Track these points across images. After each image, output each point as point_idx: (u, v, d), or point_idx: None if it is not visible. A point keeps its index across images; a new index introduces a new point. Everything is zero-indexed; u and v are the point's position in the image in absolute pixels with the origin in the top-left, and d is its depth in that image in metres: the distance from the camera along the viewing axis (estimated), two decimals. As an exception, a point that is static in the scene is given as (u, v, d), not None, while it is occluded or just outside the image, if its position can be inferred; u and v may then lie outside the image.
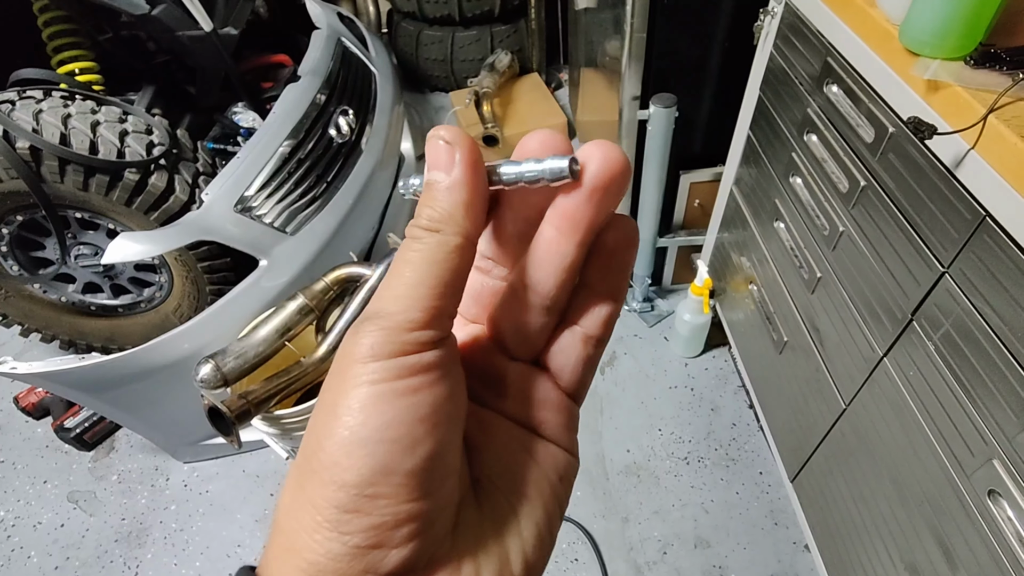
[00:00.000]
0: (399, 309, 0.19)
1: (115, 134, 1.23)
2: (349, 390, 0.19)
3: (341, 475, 0.18)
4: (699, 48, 1.25)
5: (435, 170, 0.20)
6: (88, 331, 1.53)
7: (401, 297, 0.19)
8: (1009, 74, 0.63)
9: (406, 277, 0.19)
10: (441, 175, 0.20)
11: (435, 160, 0.20)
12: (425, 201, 0.20)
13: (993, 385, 0.63)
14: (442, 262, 0.20)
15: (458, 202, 0.20)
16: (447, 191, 0.20)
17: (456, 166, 0.20)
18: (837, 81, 0.87)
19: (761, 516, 1.30)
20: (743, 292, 1.30)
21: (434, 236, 0.20)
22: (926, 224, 0.71)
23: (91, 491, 1.48)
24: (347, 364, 0.19)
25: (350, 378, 0.19)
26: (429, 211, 0.20)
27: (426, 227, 0.20)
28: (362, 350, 0.19)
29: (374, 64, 1.85)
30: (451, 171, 0.20)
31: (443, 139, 0.20)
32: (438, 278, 0.20)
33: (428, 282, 0.19)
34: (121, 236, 1.17)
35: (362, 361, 0.19)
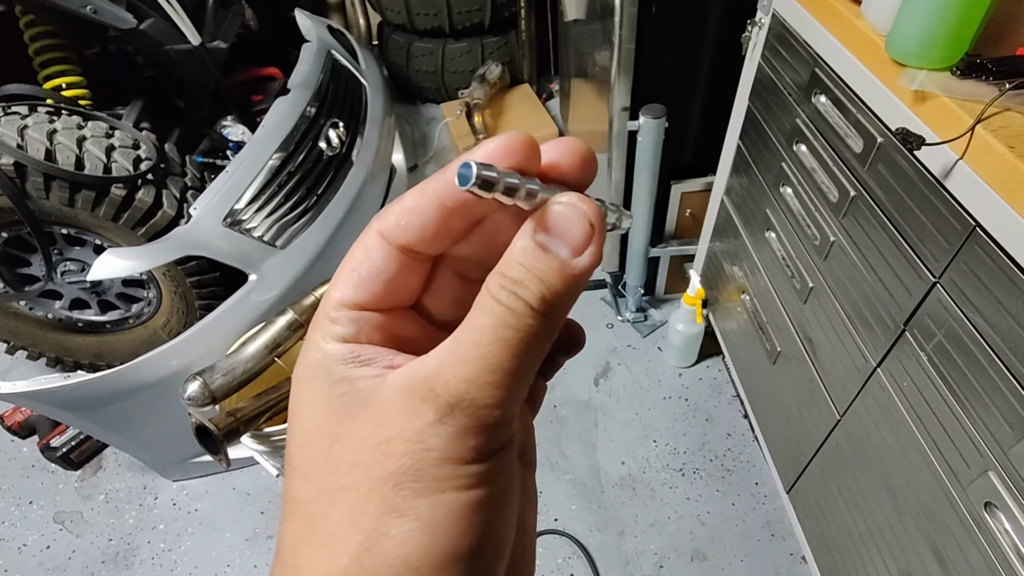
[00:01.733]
0: (496, 401, 0.17)
1: (101, 149, 1.22)
2: (433, 494, 0.16)
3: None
4: (688, 59, 1.25)
5: (563, 242, 0.17)
6: (75, 348, 1.51)
7: (498, 387, 0.17)
8: (995, 84, 0.63)
9: (502, 361, 0.16)
10: (568, 253, 0.17)
11: (570, 232, 0.17)
12: (539, 273, 0.17)
13: (987, 396, 0.63)
14: (540, 353, 0.17)
15: (576, 292, 0.18)
16: (574, 279, 0.17)
17: (589, 254, 0.17)
18: (825, 91, 0.87)
19: (757, 527, 1.29)
20: (736, 302, 1.30)
21: (539, 320, 0.17)
22: (916, 234, 0.71)
23: (78, 511, 1.46)
24: (427, 458, 0.17)
25: (431, 479, 0.16)
26: (543, 289, 0.17)
27: (538, 308, 0.17)
28: (458, 449, 0.17)
29: (364, 76, 1.85)
30: (582, 255, 0.17)
31: (589, 218, 0.17)
32: (532, 368, 0.17)
33: (525, 374, 0.17)
34: (108, 252, 1.16)
35: (458, 462, 0.17)
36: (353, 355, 0.18)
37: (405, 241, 0.19)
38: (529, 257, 0.17)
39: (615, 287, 1.75)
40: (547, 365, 0.25)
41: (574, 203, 0.17)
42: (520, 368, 0.17)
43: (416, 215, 0.18)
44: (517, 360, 0.17)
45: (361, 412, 0.18)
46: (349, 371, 0.18)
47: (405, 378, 0.17)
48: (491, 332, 0.17)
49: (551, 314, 0.17)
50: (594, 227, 0.17)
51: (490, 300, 0.17)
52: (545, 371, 0.25)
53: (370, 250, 0.19)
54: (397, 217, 0.19)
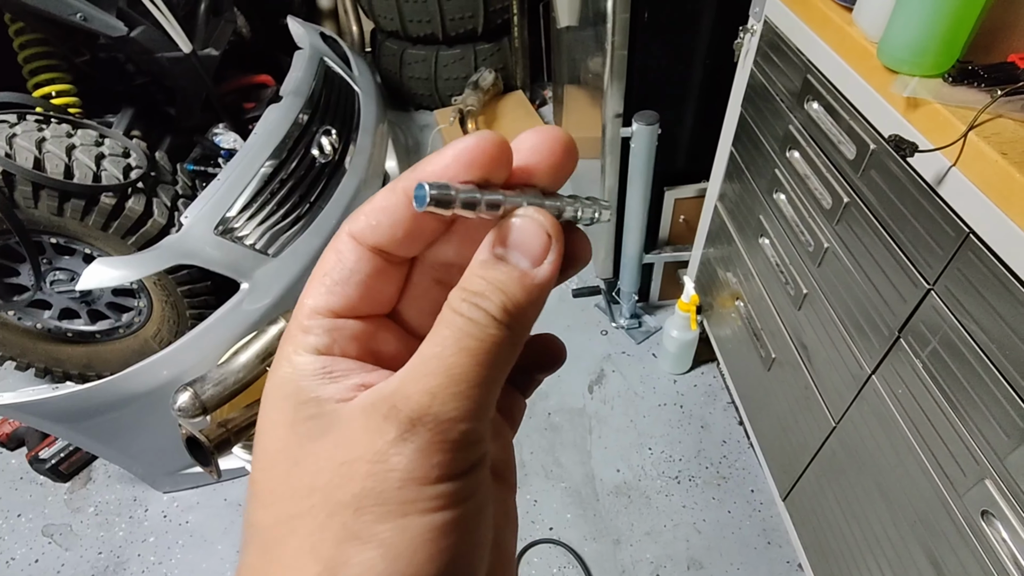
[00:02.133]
0: (461, 414, 0.16)
1: (91, 157, 1.21)
2: (396, 518, 0.15)
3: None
4: (680, 65, 1.25)
5: (521, 254, 0.17)
6: (64, 358, 1.49)
7: (463, 397, 0.16)
8: (987, 91, 0.63)
9: (465, 372, 0.16)
10: (527, 264, 0.17)
11: (527, 244, 0.17)
12: (500, 284, 0.17)
13: (983, 403, 0.63)
14: (505, 364, 0.17)
15: (539, 303, 0.18)
16: (535, 289, 0.17)
17: (548, 264, 0.17)
18: (817, 98, 0.87)
19: (754, 535, 1.28)
20: (730, 308, 1.30)
21: (502, 330, 0.17)
22: (910, 241, 0.71)
23: (67, 524, 1.44)
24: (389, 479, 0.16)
25: (395, 503, 0.15)
26: (504, 299, 0.17)
27: (500, 318, 0.17)
28: (421, 468, 0.16)
29: (357, 83, 1.85)
30: (541, 266, 0.17)
31: (547, 229, 0.17)
32: (498, 380, 0.17)
33: (491, 385, 0.17)
34: (97, 261, 1.15)
35: (423, 482, 0.16)
36: (325, 369, 0.18)
37: (376, 242, 0.18)
38: (489, 269, 0.17)
39: (609, 293, 1.75)
40: (525, 381, 0.24)
41: (531, 215, 0.17)
42: (485, 379, 0.16)
43: (387, 214, 0.18)
44: (482, 371, 0.16)
45: (324, 434, 0.17)
46: (318, 389, 0.17)
47: (368, 396, 0.17)
48: (454, 343, 0.16)
49: (514, 325, 0.17)
50: (551, 237, 0.17)
51: (452, 313, 0.17)
52: (524, 388, 0.24)
53: (341, 253, 0.18)
54: (368, 217, 0.18)
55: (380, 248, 0.18)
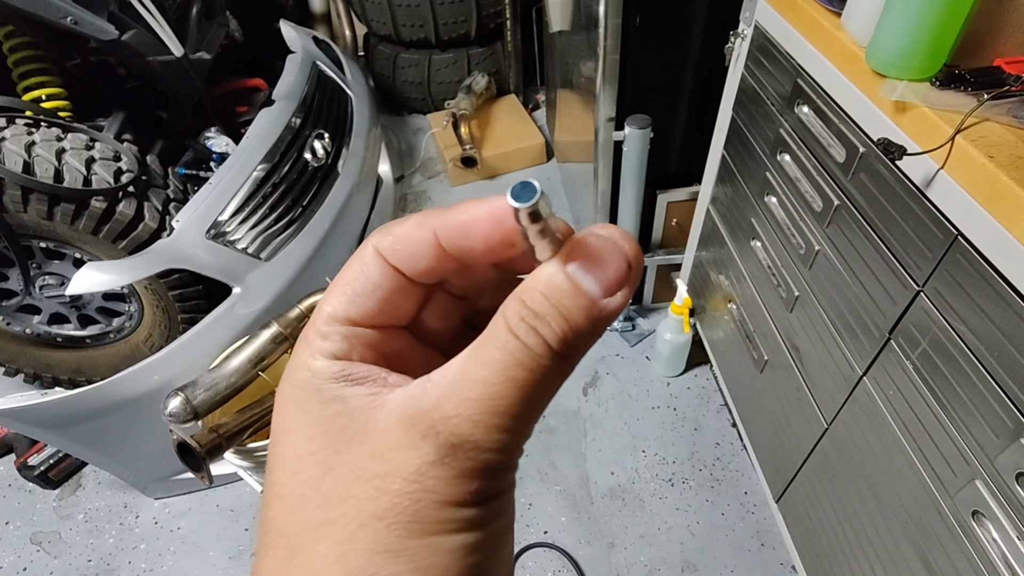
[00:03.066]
0: (501, 446, 0.16)
1: (81, 161, 1.20)
2: (429, 536, 0.16)
3: None
4: (672, 69, 1.26)
5: (595, 280, 0.16)
6: (54, 363, 1.48)
7: (504, 430, 0.16)
8: (974, 95, 0.64)
9: (510, 403, 0.16)
10: (598, 292, 0.16)
11: (605, 269, 0.16)
12: (565, 309, 0.16)
13: (972, 404, 0.63)
14: (551, 395, 0.16)
15: (598, 335, 0.16)
16: (599, 320, 0.16)
17: (620, 296, 0.16)
18: (807, 102, 0.87)
19: (747, 537, 1.28)
20: (722, 310, 1.30)
21: (556, 361, 0.16)
22: (900, 243, 0.72)
23: (56, 532, 1.42)
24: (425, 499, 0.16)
25: (429, 521, 0.16)
26: (566, 329, 0.16)
27: (557, 348, 0.16)
28: (458, 493, 0.16)
29: (350, 87, 1.85)
30: (613, 296, 0.16)
31: (628, 257, 0.16)
32: (540, 411, 0.16)
33: (532, 416, 0.16)
34: (87, 266, 1.14)
35: (458, 505, 0.16)
36: (344, 373, 0.18)
37: (398, 264, 0.18)
38: (555, 290, 0.16)
39: (603, 296, 1.75)
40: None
41: (615, 238, 0.16)
42: (529, 412, 0.16)
43: (411, 246, 0.18)
44: (527, 404, 0.16)
45: (357, 439, 0.17)
46: (341, 390, 0.17)
47: (404, 407, 0.16)
48: (502, 370, 0.15)
49: (569, 356, 0.16)
50: (631, 268, 0.16)
51: (506, 332, 0.16)
52: None
53: (366, 266, 0.18)
54: (394, 240, 0.18)
55: (400, 271, 0.18)
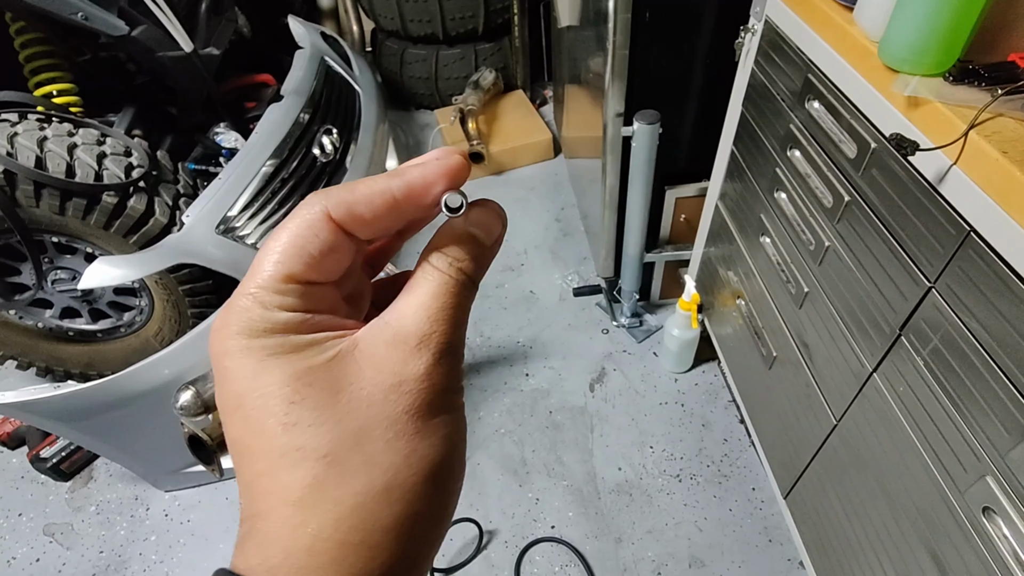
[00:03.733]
0: (460, 342, 0.23)
1: (93, 157, 1.21)
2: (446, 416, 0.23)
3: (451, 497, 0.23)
4: (682, 65, 1.26)
5: (486, 235, 0.24)
6: (66, 357, 1.49)
7: (460, 332, 0.23)
8: (988, 90, 0.64)
9: (459, 316, 0.23)
10: (489, 241, 0.24)
11: (491, 227, 0.24)
12: (473, 253, 0.23)
13: (984, 401, 0.63)
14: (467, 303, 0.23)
15: (487, 268, 0.25)
16: (491, 258, 0.24)
17: (498, 243, 0.25)
18: (818, 97, 0.87)
19: (755, 533, 1.28)
20: (731, 307, 1.30)
21: (473, 287, 0.24)
22: (911, 239, 0.71)
23: (68, 523, 1.44)
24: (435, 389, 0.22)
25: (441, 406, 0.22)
26: (475, 266, 0.23)
27: (474, 278, 0.23)
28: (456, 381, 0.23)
29: (358, 83, 1.85)
30: (495, 244, 0.24)
31: (501, 218, 0.25)
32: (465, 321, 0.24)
33: (466, 324, 0.23)
34: (99, 260, 1.15)
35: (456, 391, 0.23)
36: (311, 322, 0.21)
37: (352, 227, 0.22)
38: (466, 243, 0.23)
39: (610, 292, 1.75)
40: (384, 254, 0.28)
41: (494, 208, 0.24)
42: (465, 319, 0.23)
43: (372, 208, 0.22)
44: (465, 314, 0.23)
45: (353, 368, 0.21)
46: (312, 337, 0.21)
47: (386, 335, 0.21)
48: (452, 295, 0.22)
49: (478, 282, 0.24)
50: (503, 222, 0.25)
51: (442, 274, 0.22)
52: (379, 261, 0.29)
53: (320, 230, 0.21)
54: (354, 203, 0.21)
55: (351, 232, 0.22)
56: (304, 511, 0.19)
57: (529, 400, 1.57)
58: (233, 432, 0.20)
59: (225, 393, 0.21)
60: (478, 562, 1.30)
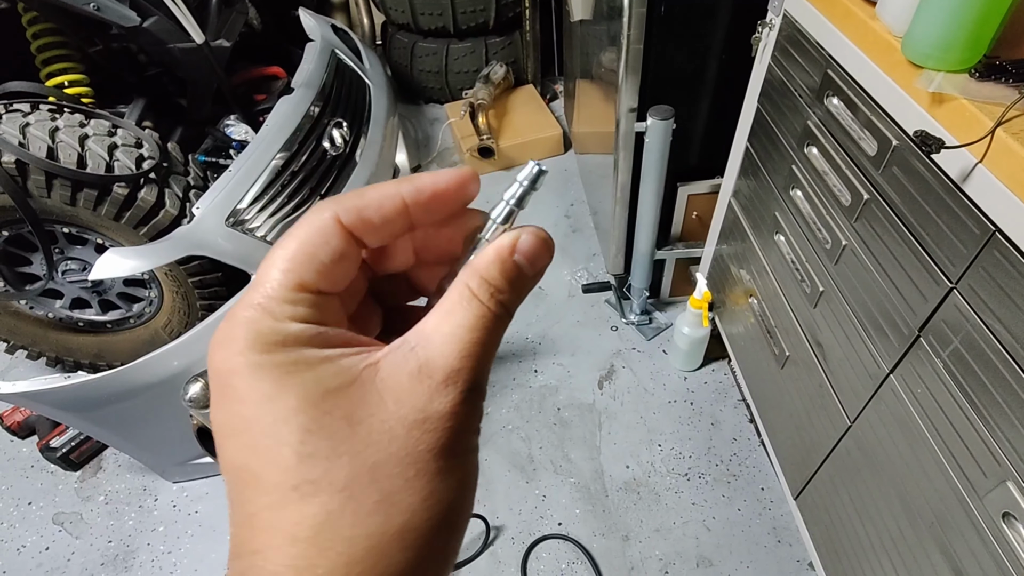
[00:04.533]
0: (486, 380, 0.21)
1: (104, 148, 1.21)
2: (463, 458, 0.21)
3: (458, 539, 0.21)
4: (696, 60, 1.24)
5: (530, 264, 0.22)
6: (76, 348, 1.50)
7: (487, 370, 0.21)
8: (1015, 86, 0.62)
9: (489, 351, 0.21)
10: (531, 271, 0.22)
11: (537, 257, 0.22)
12: (515, 285, 0.22)
13: (1006, 404, 0.62)
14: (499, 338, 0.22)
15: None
16: (530, 290, 0.23)
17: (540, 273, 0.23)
18: (838, 93, 0.86)
19: (763, 534, 1.28)
20: (743, 305, 1.29)
21: (508, 320, 0.22)
22: (933, 239, 0.70)
23: (77, 513, 1.45)
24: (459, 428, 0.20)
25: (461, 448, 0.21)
26: (515, 300, 0.22)
27: (511, 310, 0.22)
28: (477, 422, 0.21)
29: (368, 76, 1.84)
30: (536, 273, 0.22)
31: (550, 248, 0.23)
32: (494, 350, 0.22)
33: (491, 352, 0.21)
34: (109, 251, 1.15)
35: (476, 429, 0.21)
36: (324, 338, 0.20)
37: (362, 233, 0.21)
38: (508, 270, 0.21)
39: (620, 289, 1.74)
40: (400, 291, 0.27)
41: (544, 236, 0.22)
42: (493, 355, 0.21)
43: (381, 213, 0.21)
44: (495, 350, 0.21)
45: (370, 395, 0.19)
46: (326, 354, 0.19)
47: (412, 364, 0.20)
48: (485, 327, 0.20)
49: (514, 313, 0.22)
50: (550, 251, 0.23)
51: (478, 302, 0.20)
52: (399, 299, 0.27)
53: (331, 236, 0.20)
54: (363, 208, 0.21)
55: (360, 239, 0.21)
56: (313, 551, 0.18)
57: (537, 396, 1.57)
58: (235, 458, 0.19)
59: (227, 415, 0.19)
60: (484, 558, 1.30)
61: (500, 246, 0.21)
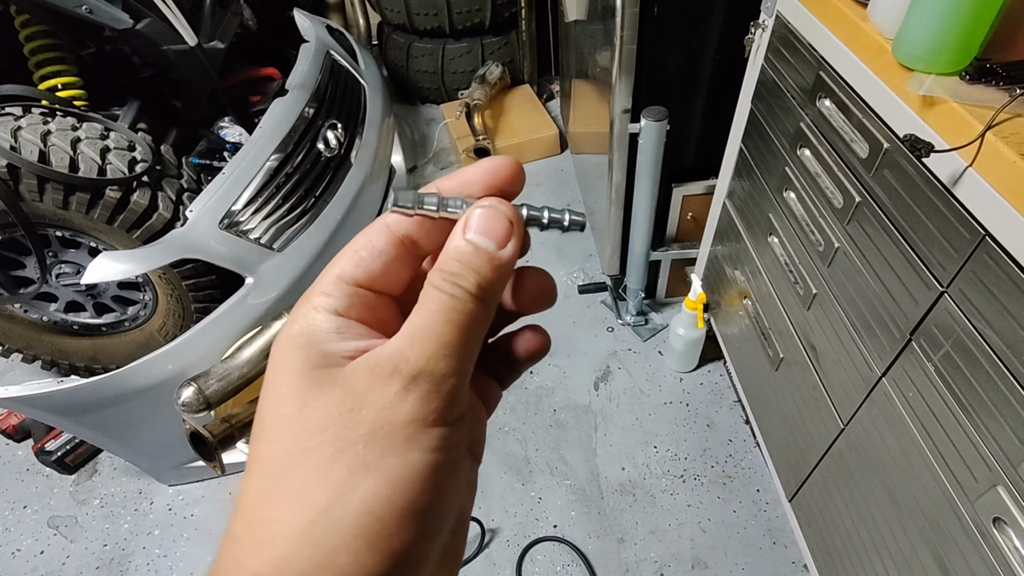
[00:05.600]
0: (450, 371, 0.20)
1: (96, 151, 1.20)
2: (401, 452, 0.19)
3: (389, 543, 0.18)
4: (690, 61, 1.24)
5: (489, 239, 0.21)
6: (70, 351, 1.50)
7: (451, 358, 0.20)
8: (1006, 89, 0.62)
9: (452, 339, 0.20)
10: (493, 247, 0.21)
11: (491, 229, 0.21)
12: (474, 265, 0.20)
13: (996, 409, 0.61)
14: (481, 330, 0.21)
15: (504, 278, 0.21)
16: (500, 267, 0.21)
17: (511, 246, 0.21)
18: (830, 95, 0.85)
19: (759, 535, 1.27)
20: (738, 306, 1.29)
21: (477, 303, 0.20)
22: (924, 242, 0.70)
23: (72, 516, 1.44)
24: (396, 421, 0.19)
25: (400, 439, 0.19)
26: (478, 278, 0.20)
27: (476, 294, 0.20)
28: (422, 411, 0.19)
29: (364, 77, 1.84)
30: (505, 248, 0.21)
31: (507, 216, 0.21)
32: (476, 346, 0.21)
33: (471, 348, 0.20)
34: (103, 255, 1.15)
35: (423, 424, 0.19)
36: (338, 329, 0.21)
37: (407, 232, 0.22)
38: (463, 254, 0.21)
39: (616, 290, 1.74)
40: (508, 372, 0.28)
41: (494, 205, 0.21)
42: (467, 342, 0.20)
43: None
44: (464, 336, 0.20)
45: (329, 383, 0.19)
46: (329, 344, 0.20)
47: (370, 358, 0.20)
48: (441, 316, 0.20)
49: (486, 298, 0.21)
50: (512, 223, 0.21)
51: (436, 291, 0.20)
52: (504, 378, 0.27)
53: (374, 236, 0.22)
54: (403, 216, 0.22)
55: (409, 236, 0.22)
56: (237, 525, 0.19)
57: (533, 398, 1.56)
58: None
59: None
60: (480, 561, 1.30)
61: (453, 231, 0.21)
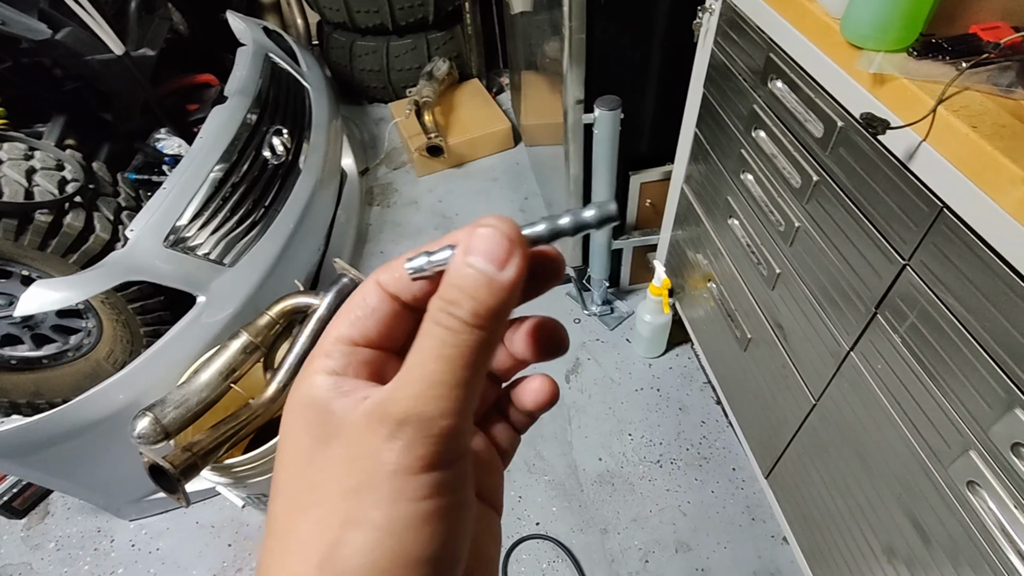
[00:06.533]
0: (440, 412, 0.18)
1: (21, 173, 1.12)
2: (387, 505, 0.18)
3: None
4: (640, 48, 1.23)
5: (486, 260, 0.18)
6: (10, 387, 1.39)
7: (443, 398, 0.18)
8: (952, 63, 0.63)
9: (443, 377, 0.18)
10: (492, 269, 0.18)
11: (487, 250, 0.18)
12: (470, 291, 0.18)
13: (963, 375, 0.63)
14: (480, 364, 0.19)
15: (508, 305, 0.19)
16: (501, 291, 0.18)
17: (512, 267, 0.18)
18: (781, 76, 0.86)
19: (738, 513, 1.30)
20: (702, 290, 1.30)
21: (475, 333, 0.18)
22: (883, 217, 0.71)
23: (26, 563, 1.35)
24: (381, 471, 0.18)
25: (387, 491, 0.18)
26: (475, 305, 0.18)
27: (472, 323, 0.18)
28: (407, 459, 0.18)
29: (306, 79, 1.78)
30: (505, 269, 0.18)
31: (506, 235, 0.19)
32: (476, 382, 0.19)
33: (469, 383, 0.18)
34: (36, 284, 1.07)
35: (409, 472, 0.18)
36: (336, 387, 0.20)
37: (395, 291, 0.22)
38: (460, 279, 0.18)
39: (580, 281, 1.74)
40: (522, 421, 0.27)
41: (492, 224, 0.19)
42: (462, 380, 0.18)
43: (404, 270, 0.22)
44: (459, 373, 0.18)
45: (333, 436, 0.19)
46: (331, 402, 0.20)
47: (367, 406, 0.19)
48: (432, 352, 0.18)
49: (486, 325, 0.18)
50: (512, 241, 0.19)
51: (431, 324, 0.19)
52: (520, 425, 0.27)
53: (367, 294, 0.22)
54: (392, 271, 0.22)
55: (397, 296, 0.22)
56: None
57: (505, 396, 1.55)
58: None
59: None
60: (464, 565, 1.28)
61: (454, 257, 0.19)
